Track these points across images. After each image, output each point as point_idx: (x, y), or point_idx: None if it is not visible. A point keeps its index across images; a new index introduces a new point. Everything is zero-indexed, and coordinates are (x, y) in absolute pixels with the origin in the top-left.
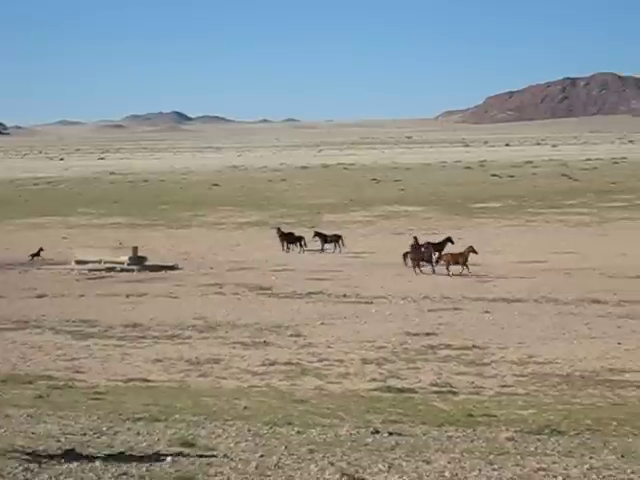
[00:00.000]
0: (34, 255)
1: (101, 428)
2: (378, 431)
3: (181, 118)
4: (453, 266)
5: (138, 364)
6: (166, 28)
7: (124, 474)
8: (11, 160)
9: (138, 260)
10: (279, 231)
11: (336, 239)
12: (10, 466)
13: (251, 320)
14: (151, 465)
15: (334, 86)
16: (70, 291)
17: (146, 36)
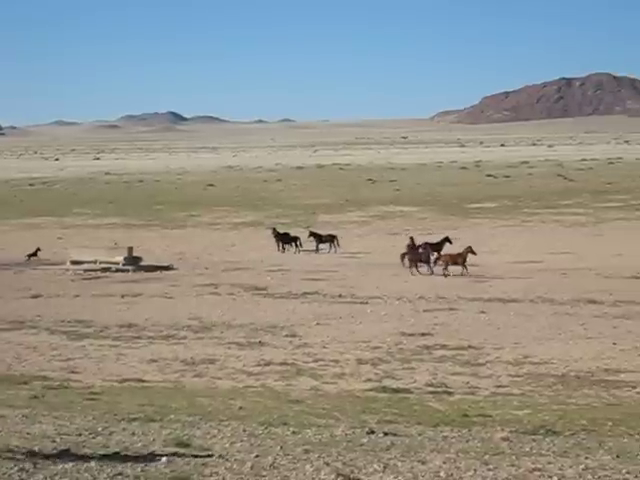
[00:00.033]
0: (31, 255)
1: (96, 428)
2: (373, 431)
3: (176, 118)
4: (452, 266)
5: (133, 364)
6: (162, 28)
7: (119, 474)
8: (6, 160)
9: (133, 260)
10: (274, 231)
11: (331, 239)
12: (5, 466)
13: (246, 320)
14: (146, 465)
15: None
16: (65, 291)
17: (141, 36)
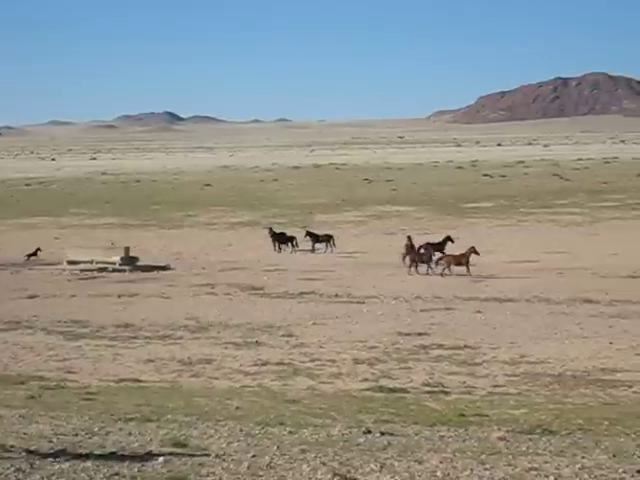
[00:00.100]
0: (31, 255)
1: (93, 428)
2: (370, 431)
3: (173, 118)
4: (455, 267)
5: (130, 364)
6: (158, 29)
7: (116, 474)
8: (3, 160)
9: (130, 260)
10: (271, 231)
11: (327, 239)
12: (2, 467)
13: (243, 320)
14: (143, 465)
15: (326, 86)
16: (62, 291)
17: (138, 37)
